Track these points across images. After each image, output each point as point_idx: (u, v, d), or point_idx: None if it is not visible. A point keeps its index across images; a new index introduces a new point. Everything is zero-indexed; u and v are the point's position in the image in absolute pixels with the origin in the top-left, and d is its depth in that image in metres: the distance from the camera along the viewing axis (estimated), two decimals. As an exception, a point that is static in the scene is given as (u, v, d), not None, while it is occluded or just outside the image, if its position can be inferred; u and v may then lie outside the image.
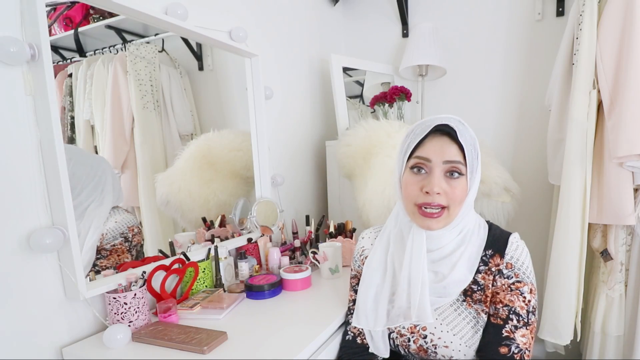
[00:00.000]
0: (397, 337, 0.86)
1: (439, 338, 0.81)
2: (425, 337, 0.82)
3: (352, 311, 0.90)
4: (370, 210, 1.36)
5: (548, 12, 1.61)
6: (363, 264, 0.91)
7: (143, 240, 1.09)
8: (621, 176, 1.15)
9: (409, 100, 1.71)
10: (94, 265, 0.94)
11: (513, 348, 0.76)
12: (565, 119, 1.27)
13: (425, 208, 0.76)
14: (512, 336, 0.76)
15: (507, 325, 0.77)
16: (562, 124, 1.31)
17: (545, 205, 1.61)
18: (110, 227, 0.98)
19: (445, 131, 0.76)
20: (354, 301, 0.91)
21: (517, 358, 0.76)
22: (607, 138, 1.15)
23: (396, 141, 1.40)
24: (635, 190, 1.18)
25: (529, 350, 0.77)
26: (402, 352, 0.88)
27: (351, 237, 1.35)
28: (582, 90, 1.18)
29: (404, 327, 0.85)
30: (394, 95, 1.67)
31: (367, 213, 1.38)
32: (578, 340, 1.30)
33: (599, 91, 1.17)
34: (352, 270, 0.97)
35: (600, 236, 1.30)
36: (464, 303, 0.81)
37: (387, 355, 0.88)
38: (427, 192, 0.75)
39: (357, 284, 0.91)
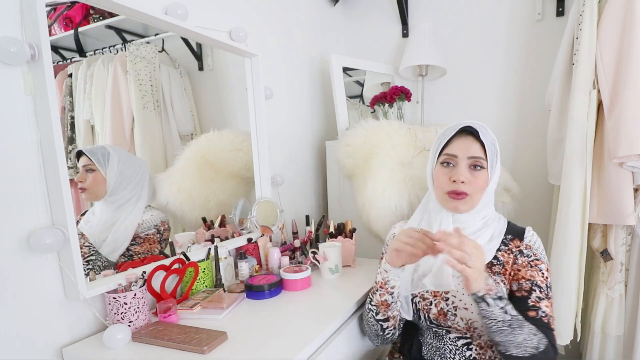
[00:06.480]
0: (419, 300, 0.94)
1: (460, 300, 0.89)
2: (447, 299, 0.91)
3: None
4: (371, 210, 1.36)
5: (548, 12, 1.61)
6: None
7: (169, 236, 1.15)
8: (621, 176, 1.15)
9: (409, 100, 1.71)
10: (128, 249, 1.02)
11: (540, 312, 0.84)
12: (565, 119, 1.27)
13: (453, 194, 0.88)
14: (537, 305, 0.84)
15: (531, 296, 0.85)
16: (562, 124, 1.31)
17: (545, 205, 1.61)
18: (147, 218, 1.09)
19: (469, 131, 0.89)
20: None
21: (545, 321, 0.83)
22: (607, 138, 1.15)
23: (396, 141, 1.40)
24: (635, 190, 1.18)
25: (553, 319, 0.85)
26: (422, 317, 0.93)
27: (351, 237, 1.35)
28: (582, 90, 1.18)
29: (427, 291, 0.93)
30: (394, 95, 1.67)
31: (367, 213, 1.38)
32: (578, 340, 1.30)
33: (599, 91, 1.17)
34: (383, 253, 1.03)
35: (600, 236, 1.30)
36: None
37: (410, 318, 0.95)
38: (454, 181, 0.87)
39: None
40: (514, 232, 0.93)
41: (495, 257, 0.90)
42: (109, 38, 1.09)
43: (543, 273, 0.87)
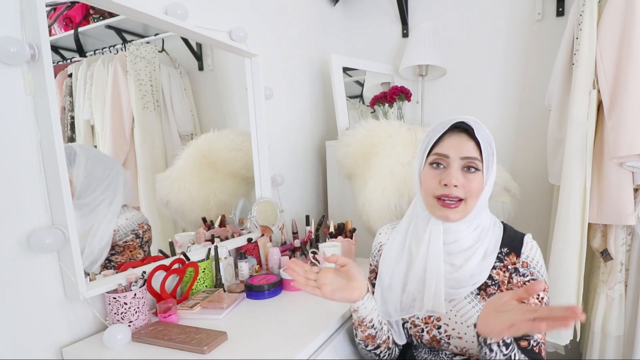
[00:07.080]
0: (410, 327, 0.87)
1: (453, 329, 0.82)
2: (439, 327, 0.84)
3: None
4: (371, 210, 1.36)
5: (548, 12, 1.61)
6: (380, 257, 0.93)
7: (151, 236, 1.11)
8: (621, 176, 1.15)
9: (409, 100, 1.71)
10: (109, 260, 0.96)
11: (532, 342, 0.77)
12: (565, 119, 1.27)
13: (444, 199, 0.79)
14: None
15: None
16: (562, 124, 1.31)
17: (545, 205, 1.61)
18: (122, 224, 1.01)
19: (463, 128, 0.80)
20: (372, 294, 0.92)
21: (537, 351, 0.77)
22: (607, 138, 1.15)
23: (396, 141, 1.40)
24: (635, 190, 1.18)
25: (544, 344, 0.79)
26: (415, 342, 0.89)
27: (351, 237, 1.35)
28: (582, 90, 1.18)
29: (417, 318, 0.86)
30: (394, 95, 1.67)
31: (367, 213, 1.38)
32: (578, 340, 1.30)
33: (599, 91, 1.17)
34: (370, 265, 0.98)
35: (600, 236, 1.30)
36: (478, 296, 0.82)
37: (403, 343, 0.90)
38: (445, 185, 0.78)
39: (375, 277, 0.93)
40: (511, 244, 0.84)
41: (490, 277, 0.81)
42: (109, 38, 1.09)
43: (539, 295, 0.79)
